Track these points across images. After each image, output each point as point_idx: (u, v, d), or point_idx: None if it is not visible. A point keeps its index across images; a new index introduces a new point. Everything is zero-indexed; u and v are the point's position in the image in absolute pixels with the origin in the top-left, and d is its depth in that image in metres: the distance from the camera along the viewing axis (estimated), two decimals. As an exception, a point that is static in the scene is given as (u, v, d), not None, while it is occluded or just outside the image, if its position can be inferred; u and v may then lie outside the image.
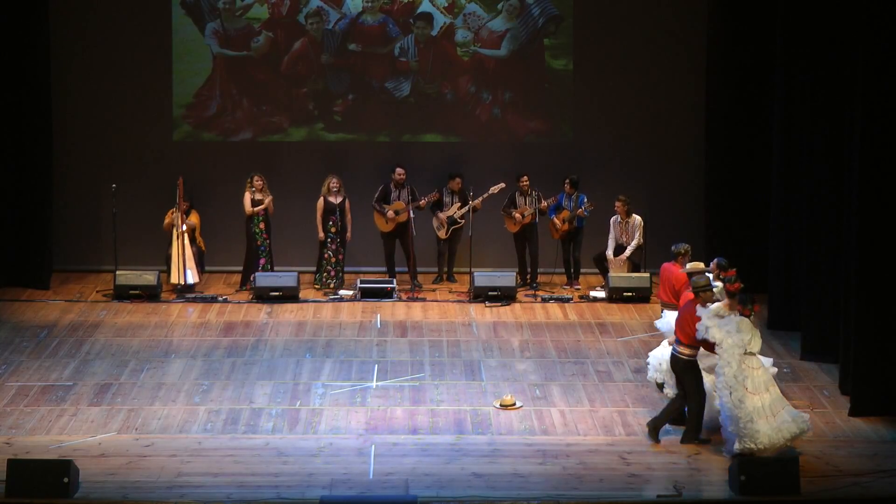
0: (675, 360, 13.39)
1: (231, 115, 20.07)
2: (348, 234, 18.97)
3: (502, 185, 19.11)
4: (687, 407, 13.44)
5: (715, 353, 13.02)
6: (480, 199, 19.12)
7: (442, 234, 19.39)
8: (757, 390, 12.89)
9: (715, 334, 12.95)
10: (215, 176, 19.94)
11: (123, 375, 15.41)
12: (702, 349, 13.23)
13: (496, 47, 20.04)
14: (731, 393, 12.82)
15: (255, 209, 18.79)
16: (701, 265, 14.48)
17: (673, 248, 15.05)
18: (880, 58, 13.88)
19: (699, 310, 13.12)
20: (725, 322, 12.97)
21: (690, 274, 13.92)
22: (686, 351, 13.25)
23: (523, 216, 19.05)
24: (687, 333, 13.20)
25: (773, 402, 12.97)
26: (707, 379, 13.44)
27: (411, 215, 18.95)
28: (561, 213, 19.10)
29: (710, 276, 13.74)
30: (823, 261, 15.77)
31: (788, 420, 12.94)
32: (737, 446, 12.84)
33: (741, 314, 13.02)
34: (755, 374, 12.95)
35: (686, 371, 13.31)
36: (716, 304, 13.13)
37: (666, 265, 14.99)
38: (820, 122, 15.76)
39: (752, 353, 12.99)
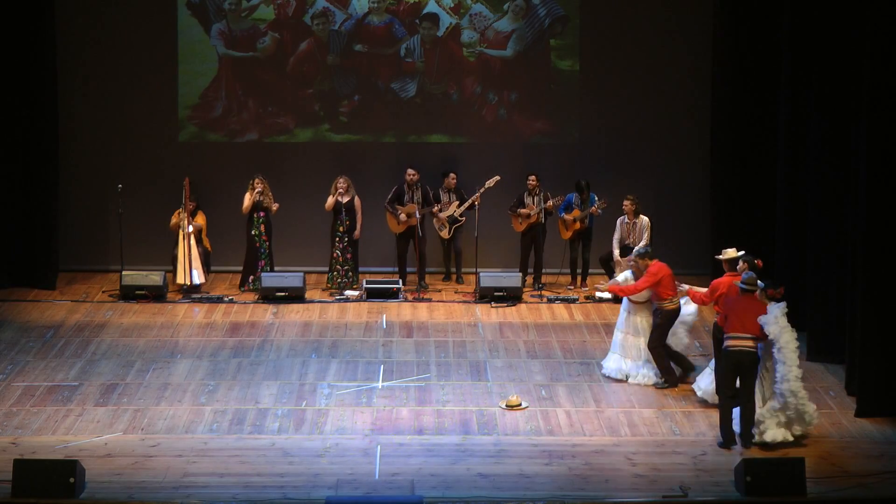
0: (744, 355, 13.42)
1: (237, 115, 20.09)
2: (357, 233, 18.95)
3: (497, 177, 19.12)
4: (745, 405, 13.46)
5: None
6: (478, 194, 19.11)
7: (444, 233, 19.40)
8: None
9: (774, 330, 13.32)
10: (221, 176, 19.94)
11: (129, 376, 15.43)
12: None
13: (502, 48, 20.04)
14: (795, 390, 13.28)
15: (256, 203, 18.75)
16: (732, 252, 14.75)
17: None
18: (887, 58, 13.88)
19: (771, 307, 13.43)
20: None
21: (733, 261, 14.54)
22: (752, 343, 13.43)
23: (530, 214, 19.04)
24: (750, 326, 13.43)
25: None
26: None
27: (418, 216, 18.93)
28: (572, 211, 19.09)
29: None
30: (829, 262, 15.77)
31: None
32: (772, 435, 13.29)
33: (771, 297, 13.47)
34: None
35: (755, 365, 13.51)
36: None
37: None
38: (826, 123, 15.75)
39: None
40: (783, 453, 13.00)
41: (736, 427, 13.46)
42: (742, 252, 14.68)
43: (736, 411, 13.47)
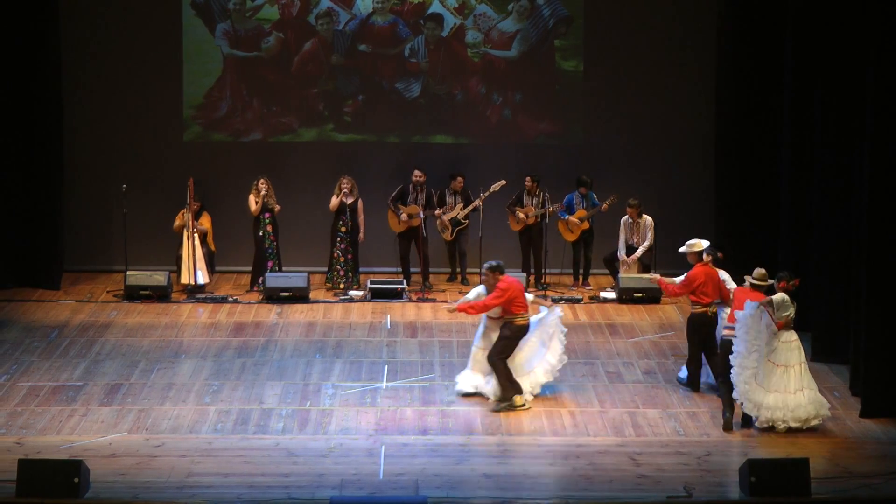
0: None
1: (241, 115, 20.10)
2: (361, 235, 18.98)
3: (503, 182, 19.11)
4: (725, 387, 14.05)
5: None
6: (481, 197, 19.08)
7: (447, 235, 19.39)
8: (784, 363, 13.66)
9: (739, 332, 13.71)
10: (225, 176, 19.96)
11: (134, 376, 15.43)
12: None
13: (506, 48, 20.05)
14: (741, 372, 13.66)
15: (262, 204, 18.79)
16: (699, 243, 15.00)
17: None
18: (892, 58, 13.87)
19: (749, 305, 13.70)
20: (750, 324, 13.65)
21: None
22: None
23: (527, 216, 19.06)
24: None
25: (796, 380, 13.67)
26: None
27: (422, 216, 18.92)
28: (575, 212, 19.08)
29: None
30: (834, 262, 15.76)
31: (804, 403, 13.66)
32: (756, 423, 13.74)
33: (784, 290, 13.73)
34: (787, 347, 13.69)
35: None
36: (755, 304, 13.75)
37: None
38: (830, 122, 15.74)
39: (790, 328, 13.73)
40: (787, 454, 12.99)
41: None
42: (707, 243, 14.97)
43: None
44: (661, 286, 15.35)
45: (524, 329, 14.58)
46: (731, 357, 13.78)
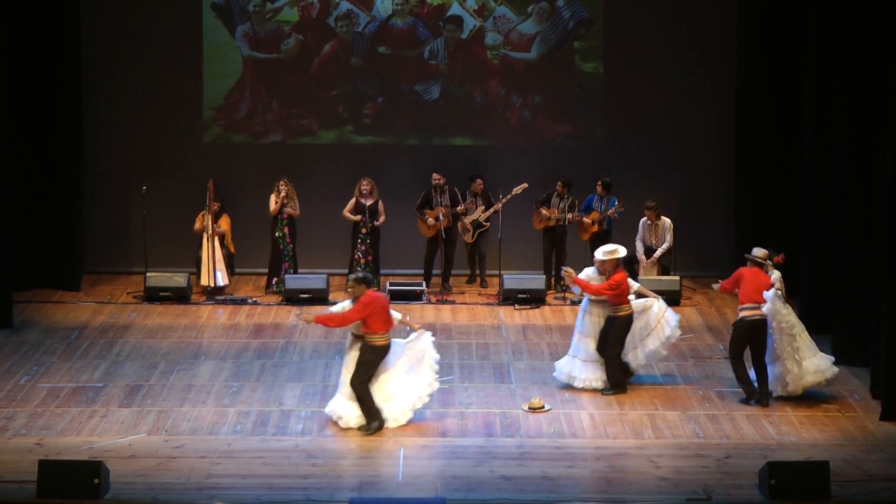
0: (758, 323, 14.48)
1: (261, 117, 20.13)
2: (382, 219, 18.91)
3: (525, 185, 19.09)
4: (759, 369, 14.61)
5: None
6: (503, 200, 19.05)
7: (468, 238, 19.39)
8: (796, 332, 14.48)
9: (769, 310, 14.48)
10: (245, 178, 19.98)
11: (153, 377, 15.47)
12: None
13: (526, 50, 20.03)
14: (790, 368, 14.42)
15: (280, 208, 18.81)
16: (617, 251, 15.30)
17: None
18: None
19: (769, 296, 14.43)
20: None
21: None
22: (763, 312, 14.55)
23: (549, 217, 19.04)
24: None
25: (803, 348, 14.50)
26: None
27: (441, 219, 18.91)
28: (591, 213, 19.07)
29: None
30: (854, 264, 15.71)
31: (812, 371, 14.49)
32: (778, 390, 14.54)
33: (777, 265, 14.64)
34: (790, 320, 14.47)
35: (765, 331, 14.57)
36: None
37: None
38: (851, 124, 15.70)
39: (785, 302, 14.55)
40: (807, 456, 12.96)
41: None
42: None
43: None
44: (578, 284, 15.12)
45: (384, 349, 13.87)
46: (786, 341, 14.37)
